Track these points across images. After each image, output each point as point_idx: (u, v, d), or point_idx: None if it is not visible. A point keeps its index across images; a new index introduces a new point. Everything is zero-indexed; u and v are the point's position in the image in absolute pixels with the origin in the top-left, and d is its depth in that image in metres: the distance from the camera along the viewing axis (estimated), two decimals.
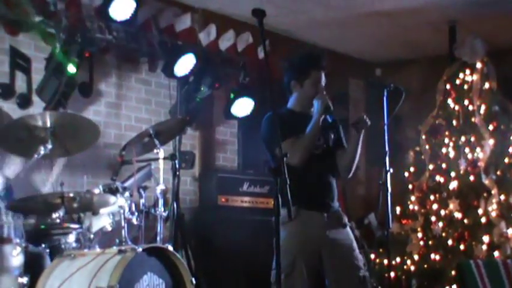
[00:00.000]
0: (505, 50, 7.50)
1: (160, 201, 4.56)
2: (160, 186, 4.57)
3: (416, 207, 7.16)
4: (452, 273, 6.45)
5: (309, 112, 4.24)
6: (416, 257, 6.93)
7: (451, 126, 7.18)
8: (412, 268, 6.91)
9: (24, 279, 3.64)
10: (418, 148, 7.34)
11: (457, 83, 7.23)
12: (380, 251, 7.07)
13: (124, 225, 4.27)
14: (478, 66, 7.10)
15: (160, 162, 4.58)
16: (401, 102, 4.42)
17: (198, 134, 6.86)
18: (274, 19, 6.52)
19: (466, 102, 7.12)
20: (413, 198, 7.20)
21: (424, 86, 7.91)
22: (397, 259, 6.97)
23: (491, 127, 6.98)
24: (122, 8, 5.60)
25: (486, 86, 7.11)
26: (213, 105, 6.90)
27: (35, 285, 3.67)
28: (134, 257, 3.61)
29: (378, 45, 8.06)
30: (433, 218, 6.95)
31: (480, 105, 7.05)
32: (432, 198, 7.08)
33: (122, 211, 4.31)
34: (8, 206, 3.95)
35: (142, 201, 4.64)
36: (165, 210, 4.61)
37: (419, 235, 7.01)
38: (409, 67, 8.35)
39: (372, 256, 7.02)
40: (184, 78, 6.34)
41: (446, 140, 7.15)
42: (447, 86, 7.29)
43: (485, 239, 6.55)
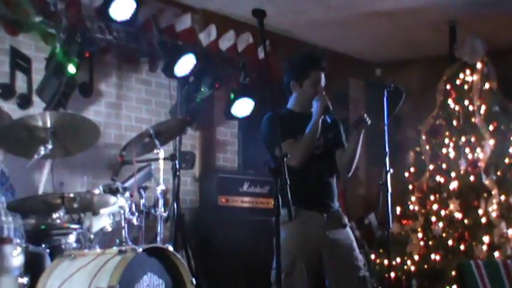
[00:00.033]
0: (505, 50, 7.50)
1: (161, 202, 4.56)
2: (160, 187, 4.57)
3: (416, 208, 7.16)
4: (453, 273, 6.45)
5: (308, 112, 4.23)
6: (416, 257, 6.93)
7: (451, 127, 7.18)
8: (412, 268, 6.91)
9: (24, 280, 3.64)
10: (418, 148, 7.34)
11: (457, 83, 7.23)
12: (380, 251, 7.07)
13: (124, 226, 4.27)
14: (478, 66, 7.10)
15: (161, 162, 4.58)
16: (402, 103, 4.42)
17: (198, 134, 6.86)
18: (274, 19, 6.52)
19: (466, 102, 7.12)
20: (413, 198, 7.20)
21: (424, 86, 7.91)
22: (398, 259, 6.97)
23: (491, 127, 6.98)
24: (122, 8, 5.60)
25: (486, 86, 7.11)
26: (213, 106, 6.89)
27: (35, 285, 3.67)
28: (134, 257, 3.61)
29: (378, 45, 8.06)
30: (433, 218, 6.95)
31: (480, 106, 7.05)
32: (432, 198, 7.09)
33: (122, 211, 4.31)
34: (9, 206, 3.96)
35: (143, 201, 4.65)
36: (165, 211, 4.61)
37: (419, 235, 7.01)
38: (409, 67, 8.35)
39: (372, 256, 7.02)
40: (184, 79, 6.34)
41: (447, 140, 7.15)
42: (447, 86, 7.29)
43: (486, 239, 6.55)
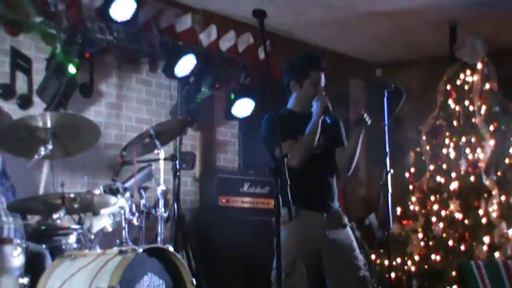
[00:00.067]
0: (506, 50, 7.50)
1: (161, 202, 4.57)
2: (160, 187, 4.57)
3: (416, 208, 7.16)
4: (453, 273, 6.45)
5: (308, 112, 4.23)
6: (416, 257, 6.93)
7: (452, 127, 7.18)
8: (412, 269, 6.91)
9: (24, 280, 3.63)
10: (418, 149, 7.34)
11: (458, 83, 7.23)
12: (380, 251, 7.07)
13: (125, 226, 4.27)
14: (479, 66, 7.10)
15: (161, 162, 4.58)
16: (402, 103, 4.42)
17: (198, 135, 6.86)
18: (274, 20, 6.52)
19: (466, 102, 7.12)
20: (413, 198, 7.20)
21: (424, 87, 7.91)
22: (398, 260, 6.97)
23: (491, 128, 6.98)
24: (123, 9, 5.60)
25: (487, 86, 7.11)
26: (213, 106, 6.89)
27: (35, 285, 3.66)
28: (135, 257, 3.61)
29: (379, 46, 8.06)
30: (433, 219, 6.95)
31: (481, 106, 7.05)
32: (433, 198, 7.08)
33: (122, 212, 4.31)
34: (9, 207, 3.96)
35: (143, 201, 4.64)
36: (165, 211, 4.61)
37: (419, 236, 7.01)
38: (410, 67, 8.35)
39: (373, 257, 7.01)
40: (184, 79, 6.34)
41: (447, 141, 7.15)
42: (448, 87, 7.29)
43: (486, 239, 6.55)
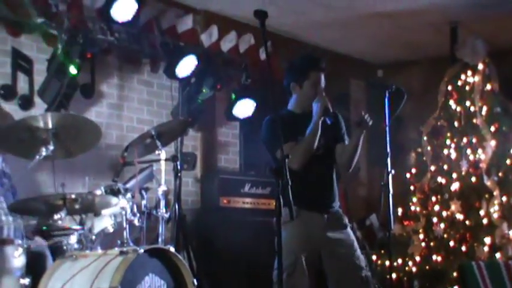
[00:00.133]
0: (507, 51, 7.49)
1: (162, 203, 4.57)
2: (162, 188, 4.57)
3: (418, 209, 7.15)
4: (454, 274, 6.44)
5: (309, 113, 4.22)
6: (418, 258, 6.92)
7: (453, 128, 7.17)
8: (413, 269, 6.90)
9: (25, 281, 3.64)
10: (419, 149, 7.34)
11: (459, 84, 7.23)
12: (382, 252, 7.07)
13: (126, 227, 4.26)
14: (480, 67, 7.09)
15: (162, 163, 4.59)
16: (403, 104, 4.42)
17: (199, 136, 6.86)
18: (276, 20, 6.51)
19: (467, 103, 7.11)
20: (415, 199, 7.19)
21: (425, 87, 7.90)
22: (399, 260, 6.96)
23: (492, 128, 6.97)
24: (124, 9, 5.59)
25: (488, 87, 7.11)
26: (214, 107, 6.89)
27: (36, 286, 3.66)
28: (136, 258, 3.61)
29: (379, 46, 8.06)
30: (434, 219, 6.94)
31: (482, 107, 7.04)
32: (434, 199, 7.08)
33: (123, 212, 4.31)
34: (10, 207, 3.96)
35: (144, 202, 4.65)
36: (166, 212, 4.61)
37: (421, 236, 7.00)
38: (411, 68, 8.35)
39: (374, 257, 7.01)
40: (186, 80, 6.34)
41: (448, 141, 7.14)
42: (449, 87, 7.29)
43: (487, 240, 6.54)
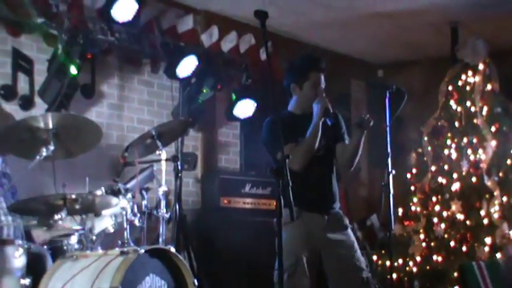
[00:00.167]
0: (507, 51, 7.49)
1: (163, 203, 4.57)
2: (162, 188, 4.57)
3: (418, 209, 7.15)
4: (455, 274, 6.44)
5: (309, 114, 4.21)
6: (418, 258, 6.92)
7: (453, 128, 7.17)
8: (414, 270, 6.89)
9: (26, 281, 3.64)
10: (420, 149, 7.33)
11: (459, 84, 7.23)
12: (382, 252, 7.07)
13: (126, 227, 4.26)
14: (480, 67, 7.10)
15: (163, 163, 4.59)
16: (404, 104, 4.42)
17: (200, 136, 6.86)
18: (276, 20, 6.51)
19: (468, 103, 7.11)
20: (415, 199, 7.19)
21: (426, 87, 7.90)
22: (400, 261, 6.96)
23: (493, 128, 6.97)
24: (124, 10, 5.59)
25: (488, 87, 7.11)
26: (215, 107, 6.89)
27: (37, 286, 3.67)
28: (136, 258, 3.61)
29: (380, 46, 8.06)
30: (435, 220, 6.94)
31: (482, 107, 7.04)
32: (434, 199, 7.08)
33: (124, 212, 4.30)
34: (10, 207, 3.96)
35: (145, 202, 4.64)
36: (167, 212, 4.61)
37: (421, 236, 7.00)
38: (411, 68, 8.35)
39: (374, 257, 7.01)
40: (186, 80, 6.34)
41: (449, 142, 7.14)
42: (449, 88, 7.29)
43: (488, 240, 6.54)
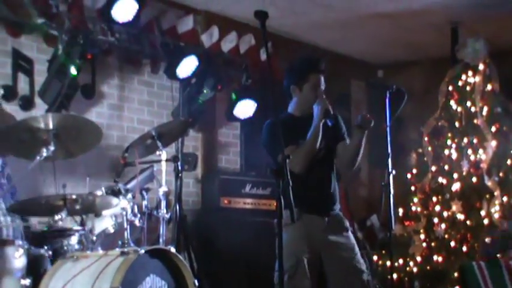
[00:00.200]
0: (507, 51, 7.49)
1: (163, 203, 4.56)
2: (162, 188, 4.57)
3: (418, 209, 7.15)
4: (455, 274, 6.43)
5: (309, 115, 4.20)
6: (419, 258, 6.92)
7: (454, 128, 7.17)
8: (414, 270, 6.89)
9: (26, 281, 3.64)
10: (420, 150, 7.33)
11: (460, 84, 7.23)
12: (383, 252, 7.07)
13: (126, 227, 4.25)
14: (481, 67, 7.10)
15: (163, 164, 4.59)
16: (404, 104, 4.41)
17: (200, 136, 6.86)
18: (276, 21, 6.51)
19: (468, 103, 7.11)
20: (415, 199, 7.19)
21: (426, 88, 7.90)
22: (400, 261, 6.96)
23: (493, 129, 6.98)
24: (124, 10, 5.59)
25: (488, 87, 7.11)
26: (215, 107, 6.89)
27: (37, 287, 3.67)
28: (137, 258, 3.61)
29: (380, 47, 8.06)
30: (435, 220, 6.94)
31: (482, 107, 7.04)
32: (435, 199, 7.07)
33: (124, 213, 4.30)
34: (11, 208, 3.96)
35: (145, 203, 4.64)
36: (167, 212, 4.61)
37: (421, 237, 7.00)
38: (411, 68, 8.35)
39: (375, 258, 7.01)
40: (186, 80, 6.34)
41: (449, 142, 7.14)
42: (449, 88, 7.29)
43: (488, 240, 6.54)
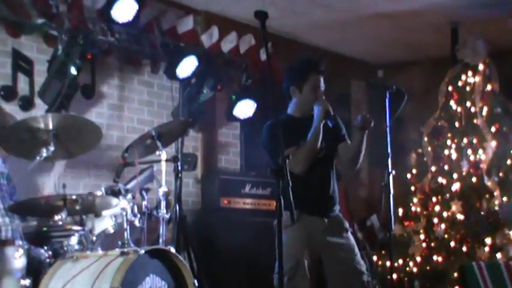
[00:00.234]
0: (507, 51, 7.49)
1: (163, 203, 4.56)
2: (162, 188, 4.57)
3: (418, 209, 7.15)
4: (455, 275, 6.43)
5: (309, 116, 4.20)
6: (418, 258, 6.92)
7: (453, 128, 7.17)
8: (414, 270, 6.89)
9: (26, 282, 3.65)
10: (420, 150, 7.33)
11: (459, 84, 7.23)
12: (382, 252, 7.07)
13: (126, 227, 4.25)
14: (480, 67, 7.10)
15: (163, 164, 4.59)
16: (404, 104, 4.41)
17: (200, 136, 6.86)
18: (276, 21, 6.51)
19: (468, 103, 7.11)
20: (415, 200, 7.19)
21: (426, 88, 7.90)
22: (400, 261, 6.96)
23: (493, 129, 6.98)
24: (124, 10, 5.59)
25: (488, 87, 7.11)
26: (215, 107, 6.89)
27: (37, 287, 3.67)
28: (136, 259, 3.61)
29: (380, 47, 8.06)
30: (435, 220, 6.94)
31: (482, 107, 7.04)
32: (434, 200, 7.07)
33: (124, 213, 4.30)
34: (10, 208, 3.96)
35: (145, 203, 4.64)
36: (167, 212, 4.61)
37: (421, 237, 7.00)
38: (411, 69, 8.35)
39: (375, 258, 7.01)
40: (186, 80, 6.34)
41: (449, 142, 7.14)
42: (449, 88, 7.29)
43: (488, 240, 6.54)
